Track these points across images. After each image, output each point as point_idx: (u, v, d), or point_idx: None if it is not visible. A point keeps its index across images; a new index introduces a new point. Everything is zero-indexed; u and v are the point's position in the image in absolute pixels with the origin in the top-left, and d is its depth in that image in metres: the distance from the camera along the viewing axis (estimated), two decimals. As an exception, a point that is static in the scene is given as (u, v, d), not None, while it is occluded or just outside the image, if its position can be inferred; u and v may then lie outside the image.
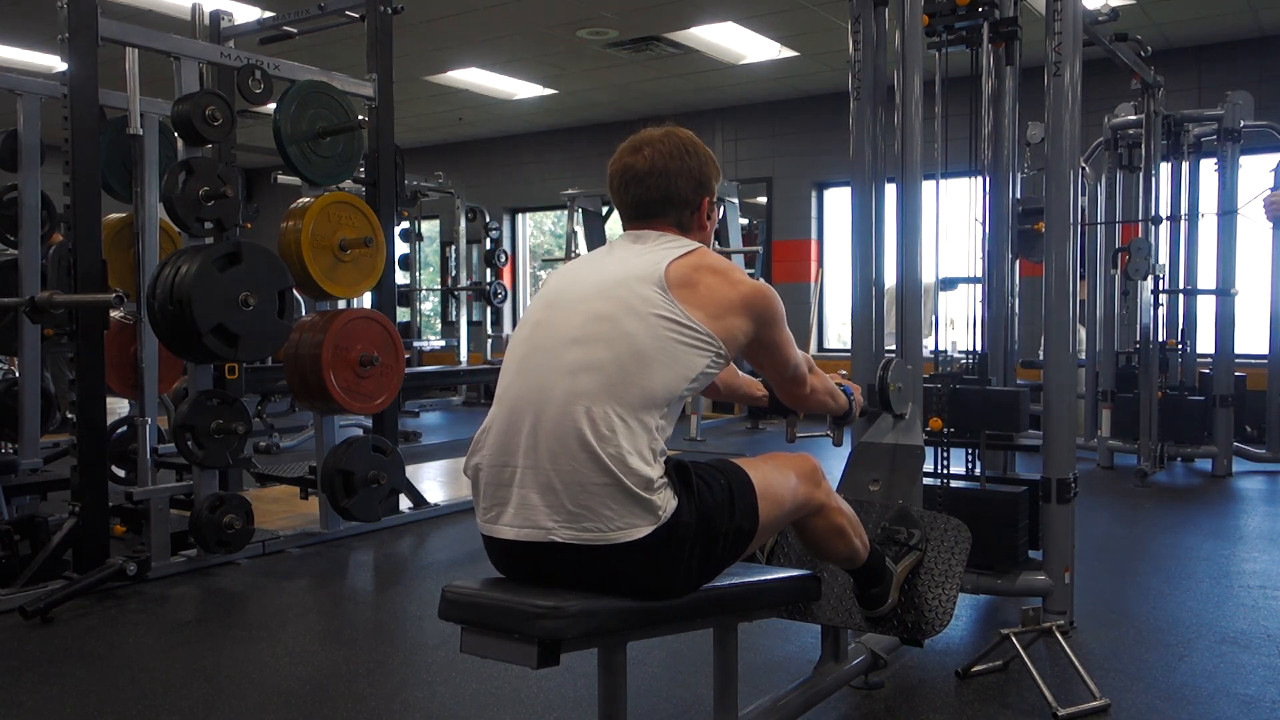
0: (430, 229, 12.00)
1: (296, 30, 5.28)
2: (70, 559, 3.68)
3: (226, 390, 4.07)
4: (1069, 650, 2.61)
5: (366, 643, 3.20)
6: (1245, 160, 6.25)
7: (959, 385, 3.25)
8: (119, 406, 5.00)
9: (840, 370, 2.53)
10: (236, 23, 5.23)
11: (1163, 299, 6.14)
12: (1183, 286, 6.43)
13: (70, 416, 3.78)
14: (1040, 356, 3.57)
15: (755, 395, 2.43)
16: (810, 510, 2.05)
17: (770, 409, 2.42)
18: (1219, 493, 5.67)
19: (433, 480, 6.16)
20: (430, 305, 12.16)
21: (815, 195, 10.09)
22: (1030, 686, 2.57)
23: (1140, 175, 6.07)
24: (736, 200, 9.01)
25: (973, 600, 3.43)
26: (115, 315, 3.96)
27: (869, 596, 2.30)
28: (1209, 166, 6.37)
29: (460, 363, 9.89)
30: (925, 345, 3.12)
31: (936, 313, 3.52)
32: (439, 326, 11.61)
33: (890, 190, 3.20)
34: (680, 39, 7.89)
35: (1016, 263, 3.61)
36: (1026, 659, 2.60)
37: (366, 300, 5.63)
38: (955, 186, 3.52)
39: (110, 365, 3.96)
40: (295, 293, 4.15)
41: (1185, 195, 6.44)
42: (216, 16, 5.00)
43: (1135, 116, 6.05)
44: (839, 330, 10.08)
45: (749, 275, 1.97)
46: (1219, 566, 3.99)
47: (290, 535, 4.48)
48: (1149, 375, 5.92)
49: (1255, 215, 6.30)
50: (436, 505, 5.11)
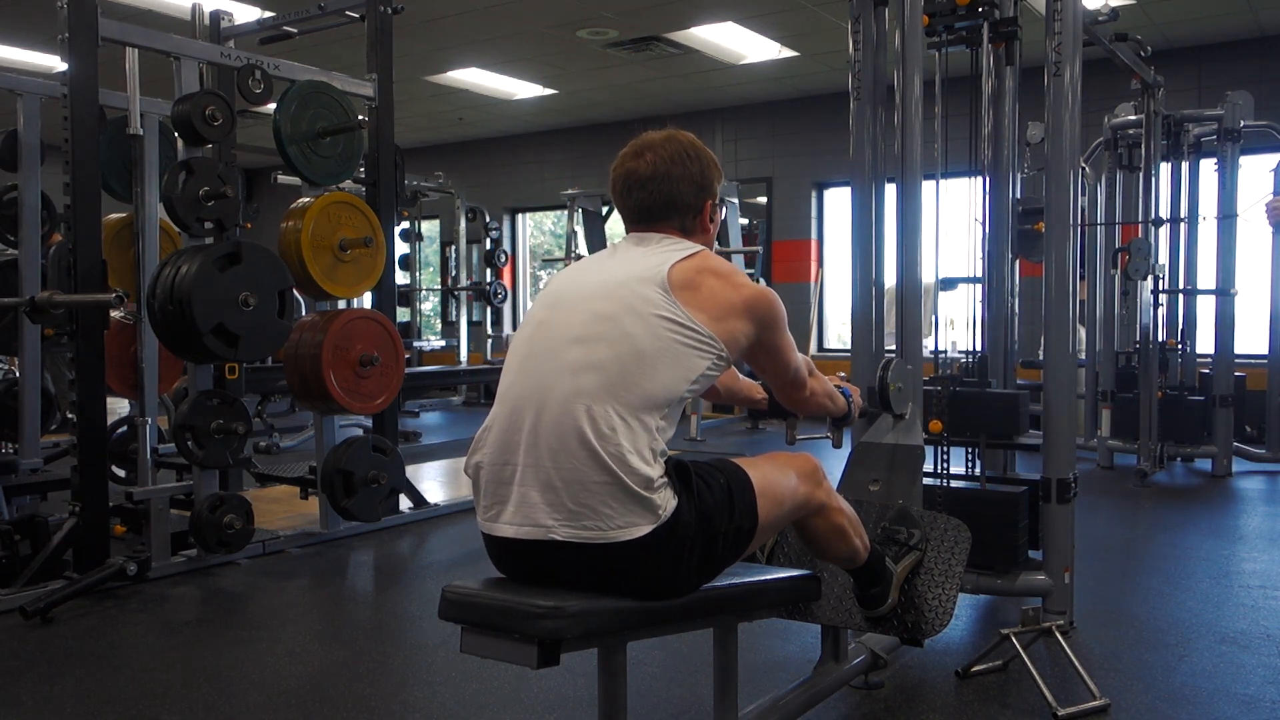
0: (430, 229, 12.00)
1: (296, 30, 5.29)
2: (70, 559, 3.68)
3: (226, 390, 4.07)
4: (1069, 650, 2.61)
5: (366, 643, 3.20)
6: (1245, 160, 6.25)
7: (958, 388, 3.25)
8: (119, 406, 5.00)
9: (839, 372, 2.53)
10: (236, 23, 5.23)
11: (1162, 299, 6.14)
12: (1182, 286, 6.43)
13: (70, 416, 3.78)
14: (1040, 356, 3.57)
15: (755, 398, 2.43)
16: (810, 510, 2.05)
17: (770, 411, 2.43)
18: (1219, 493, 5.67)
19: (433, 480, 6.16)
20: (430, 305, 12.16)
21: (815, 195, 10.09)
22: (1030, 686, 2.57)
23: (1140, 175, 6.07)
24: (736, 200, 9.01)
25: (973, 600, 3.43)
26: (115, 315, 3.96)
27: (869, 596, 2.30)
28: (1209, 166, 6.37)
29: (460, 363, 9.89)
30: (925, 345, 3.12)
31: (936, 313, 3.52)
32: (439, 326, 11.61)
33: (890, 190, 3.20)
34: (680, 39, 7.89)
35: (1016, 263, 3.61)
36: (1026, 659, 2.60)
37: (366, 300, 5.63)
38: (955, 186, 3.52)
39: (110, 365, 3.96)
40: (295, 293, 4.15)
41: (1185, 195, 6.44)
42: (216, 16, 5.00)
43: (1135, 116, 6.05)
44: (839, 330, 10.08)
45: (750, 277, 1.97)
46: (1219, 566, 3.99)
47: (290, 535, 4.48)
48: (1149, 375, 5.91)
49: (1256, 219, 6.30)
50: (436, 505, 5.11)
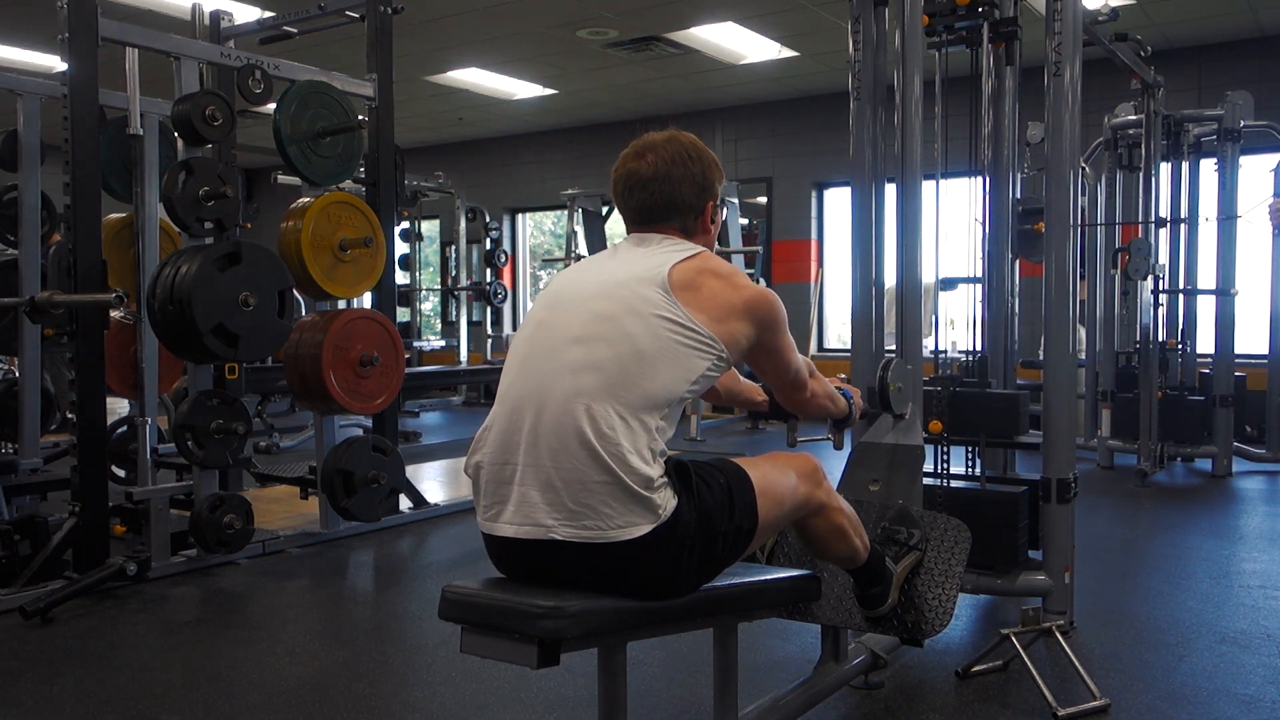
0: (430, 229, 12.00)
1: (296, 30, 5.29)
2: (70, 559, 3.68)
3: (226, 390, 4.07)
4: (1069, 650, 2.61)
5: (366, 643, 3.20)
6: (1245, 160, 6.25)
7: (958, 388, 3.25)
8: (119, 406, 5.00)
9: (840, 374, 2.52)
10: (236, 23, 5.23)
11: (1163, 299, 6.14)
12: (1183, 286, 6.43)
13: (70, 416, 3.78)
14: (1040, 356, 3.58)
15: (755, 400, 2.43)
16: (810, 510, 2.05)
17: (770, 413, 2.42)
18: (1219, 493, 5.67)
19: (433, 480, 6.16)
20: (430, 305, 12.17)
21: (815, 195, 10.09)
22: (1030, 686, 2.57)
23: (1140, 175, 6.07)
24: (736, 200, 9.01)
25: (973, 600, 3.43)
26: (115, 315, 3.96)
27: (869, 596, 2.30)
28: (1209, 166, 6.37)
29: (460, 363, 9.89)
30: (925, 345, 3.12)
31: (936, 313, 3.52)
32: (439, 326, 11.61)
33: (890, 190, 3.20)
34: (680, 39, 7.89)
35: (1016, 263, 3.61)
36: (1026, 659, 2.60)
37: (366, 300, 5.63)
38: (955, 186, 3.52)
39: (110, 365, 3.96)
40: (295, 293, 4.15)
41: (1185, 195, 6.44)
42: (216, 16, 5.00)
43: (1135, 116, 6.05)
44: (839, 330, 10.08)
45: (750, 277, 1.97)
46: (1219, 566, 3.99)
47: (290, 535, 4.48)
48: (1149, 375, 5.91)
49: (1258, 221, 6.29)
50: (436, 505, 5.11)
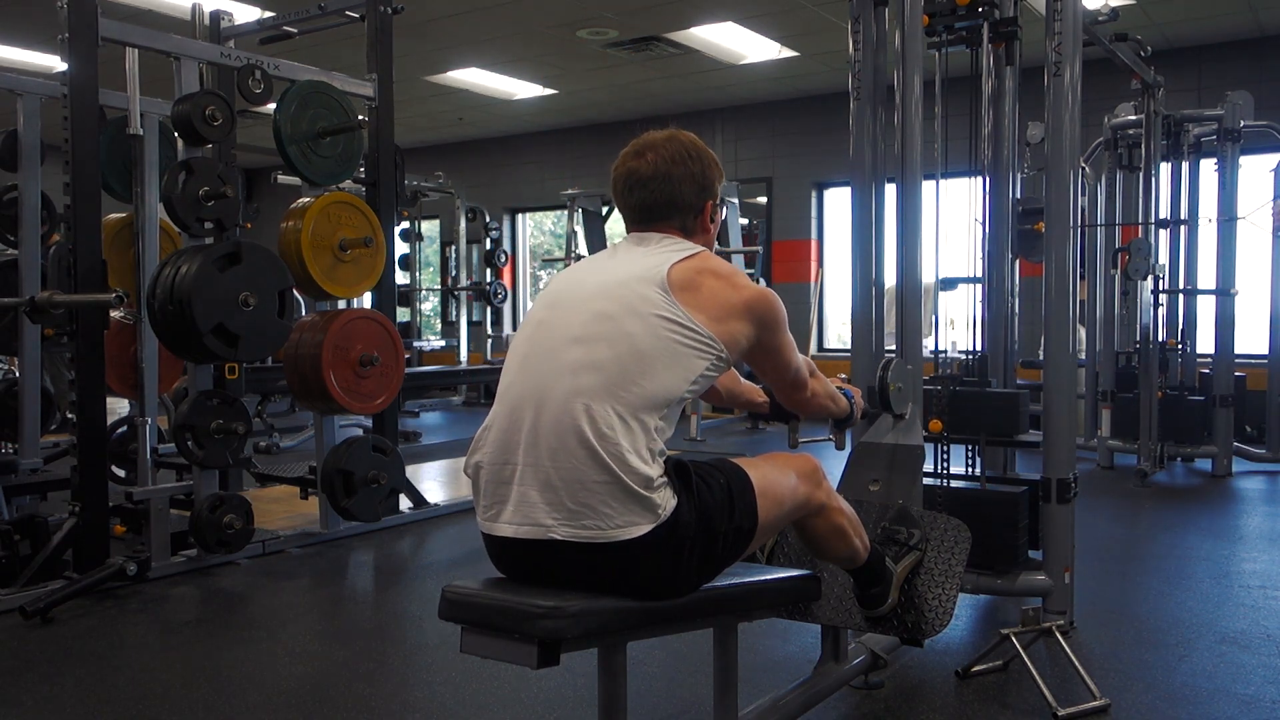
0: (430, 229, 12.00)
1: (296, 30, 5.29)
2: (70, 559, 3.68)
3: (226, 390, 4.07)
4: (1069, 650, 2.61)
5: (366, 643, 3.20)
6: (1245, 160, 6.25)
7: (958, 387, 3.25)
8: (119, 406, 5.00)
9: (840, 374, 2.52)
10: (236, 23, 5.23)
11: (1163, 299, 6.14)
12: (1183, 286, 6.43)
13: (70, 416, 3.78)
14: (1040, 356, 3.57)
15: (756, 401, 2.43)
16: (810, 510, 2.05)
17: (771, 414, 2.42)
18: (1219, 493, 5.67)
19: (433, 480, 6.16)
20: (430, 305, 12.17)
21: (815, 195, 10.09)
22: (1030, 686, 2.57)
23: (1140, 175, 6.07)
24: (736, 200, 9.01)
25: (973, 600, 3.43)
26: (115, 315, 3.96)
27: (869, 596, 2.30)
28: (1209, 166, 6.37)
29: (460, 363, 9.89)
30: (925, 345, 3.12)
31: (936, 313, 3.52)
32: (439, 326, 11.61)
33: (890, 190, 3.20)
34: (680, 39, 7.89)
35: (1016, 263, 3.61)
36: (1026, 659, 2.60)
37: (366, 300, 5.63)
38: (955, 186, 3.52)
39: (110, 365, 3.96)
40: (295, 293, 4.15)
41: (1185, 195, 6.44)
42: (216, 16, 5.00)
43: (1135, 116, 6.05)
44: (839, 330, 10.08)
45: (750, 277, 1.97)
46: (1219, 566, 3.99)
47: (290, 535, 4.48)
48: (1149, 375, 5.91)
49: (1261, 223, 6.29)
50: (436, 505, 5.11)
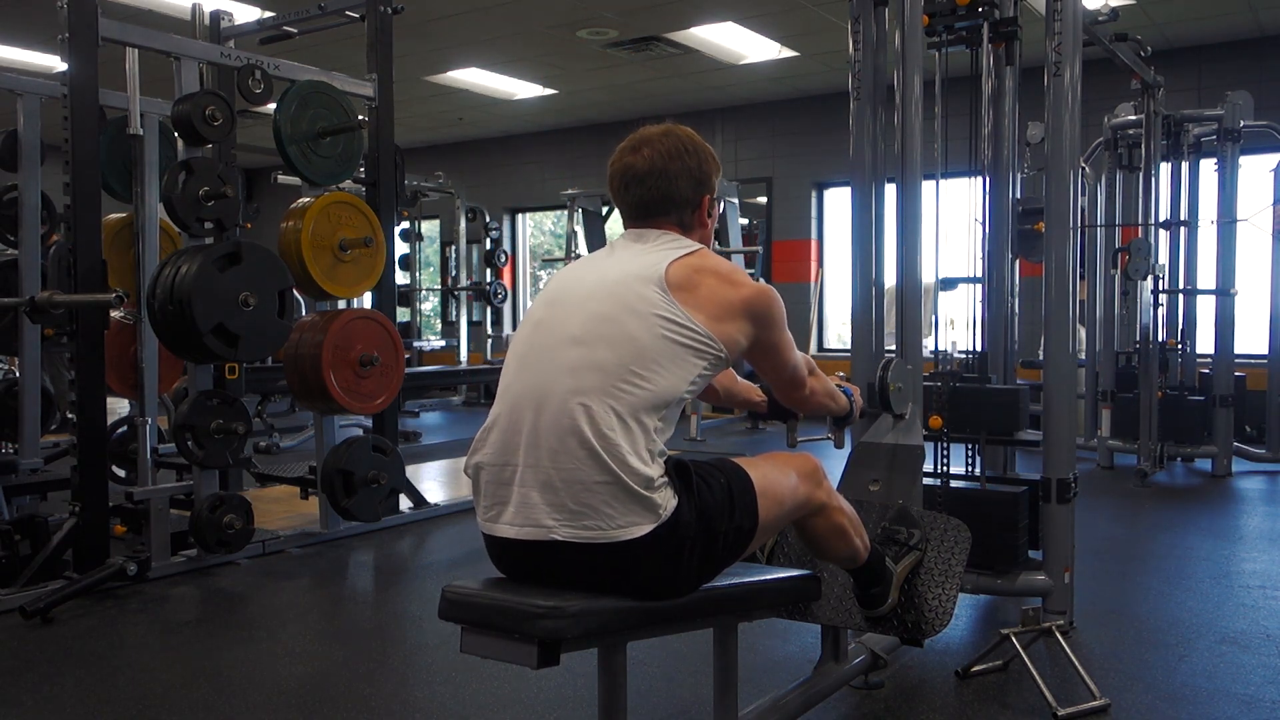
0: (430, 229, 12.00)
1: (296, 30, 5.28)
2: (70, 559, 3.68)
3: (226, 390, 4.07)
4: (1069, 650, 2.61)
5: (367, 643, 3.20)
6: (1245, 160, 6.25)
7: (959, 384, 3.25)
8: (119, 406, 5.00)
9: (839, 372, 2.52)
10: (236, 23, 5.23)
11: (1163, 299, 6.14)
12: (1182, 286, 6.43)
13: (70, 416, 3.78)
14: (1040, 356, 3.58)
15: (754, 400, 2.42)
16: (811, 510, 2.05)
17: (769, 413, 2.41)
18: (1219, 493, 5.67)
19: (433, 480, 6.16)
20: (430, 305, 12.16)
21: (815, 195, 10.09)
22: (1030, 686, 2.57)
23: (1140, 175, 6.07)
24: (736, 200, 9.01)
25: (973, 600, 3.43)
26: (115, 315, 3.96)
27: (869, 596, 2.30)
28: (1209, 166, 6.37)
29: (460, 363, 9.89)
30: (925, 345, 3.12)
31: (936, 313, 3.52)
32: (439, 326, 11.61)
33: (890, 190, 3.20)
34: (680, 39, 7.89)
35: (1016, 263, 3.61)
36: (1026, 659, 2.60)
37: (366, 300, 5.63)
38: (955, 186, 3.52)
39: (110, 365, 3.96)
40: (295, 293, 4.15)
41: (1185, 196, 6.44)
42: (216, 16, 5.00)
43: (1135, 116, 6.05)
44: (839, 330, 10.08)
45: (750, 277, 1.96)
46: (1219, 566, 3.99)
47: (290, 535, 4.48)
48: (1149, 375, 5.92)
49: (1263, 225, 6.29)
50: (436, 505, 5.11)
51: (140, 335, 4.10)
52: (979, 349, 3.57)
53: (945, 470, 3.26)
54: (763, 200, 10.34)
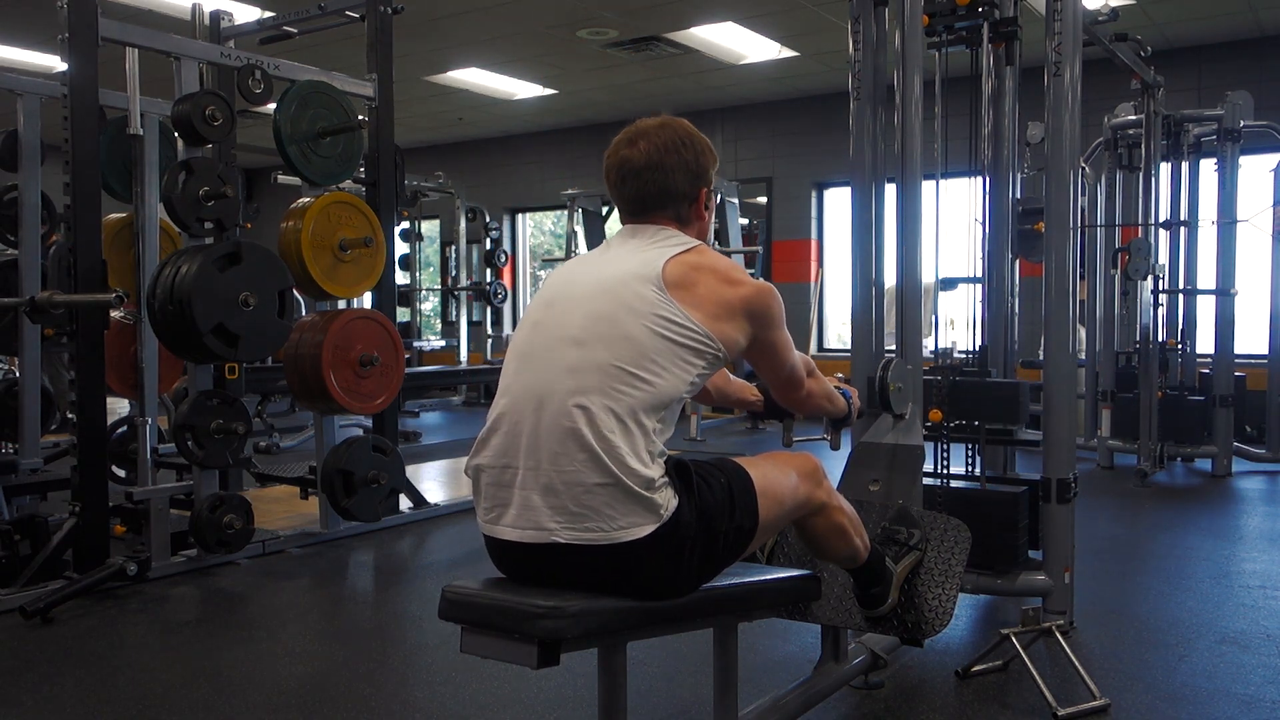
0: (430, 229, 12.00)
1: (296, 30, 5.28)
2: (70, 559, 3.68)
3: (226, 390, 4.07)
4: (1069, 650, 2.61)
5: (367, 643, 3.20)
6: (1245, 160, 6.25)
7: (959, 377, 3.24)
8: (119, 406, 5.00)
9: (837, 374, 2.51)
10: (236, 23, 5.23)
11: (1163, 299, 6.14)
12: (1182, 287, 6.43)
13: (70, 416, 3.78)
14: (1040, 356, 3.58)
15: (749, 400, 2.40)
16: (811, 509, 2.04)
17: (765, 413, 2.40)
18: (1219, 493, 5.67)
19: (433, 480, 6.16)
20: (430, 305, 12.16)
21: (815, 195, 10.09)
22: (1030, 686, 2.57)
23: (1140, 175, 6.07)
24: (736, 200, 9.01)
25: (973, 600, 3.43)
26: (115, 315, 3.96)
27: (869, 596, 2.29)
28: (1209, 166, 6.37)
29: (460, 363, 9.89)
30: (925, 345, 3.12)
31: (936, 313, 3.52)
32: (439, 326, 11.61)
33: (890, 190, 3.20)
34: (680, 39, 7.89)
35: (1016, 263, 3.61)
36: (1026, 659, 2.60)
37: (366, 300, 5.63)
38: (955, 186, 3.52)
39: (110, 365, 3.96)
40: (295, 293, 4.15)
41: (1185, 196, 6.44)
42: (216, 16, 5.00)
43: (1135, 116, 6.05)
44: (839, 330, 10.08)
45: (750, 274, 1.96)
46: (1219, 566, 3.99)
47: (290, 535, 4.48)
48: (1149, 375, 5.92)
49: (1262, 226, 6.29)
50: (436, 505, 5.11)
51: (140, 335, 4.10)
52: (978, 350, 3.56)
53: (945, 470, 3.26)
54: (763, 200, 10.34)
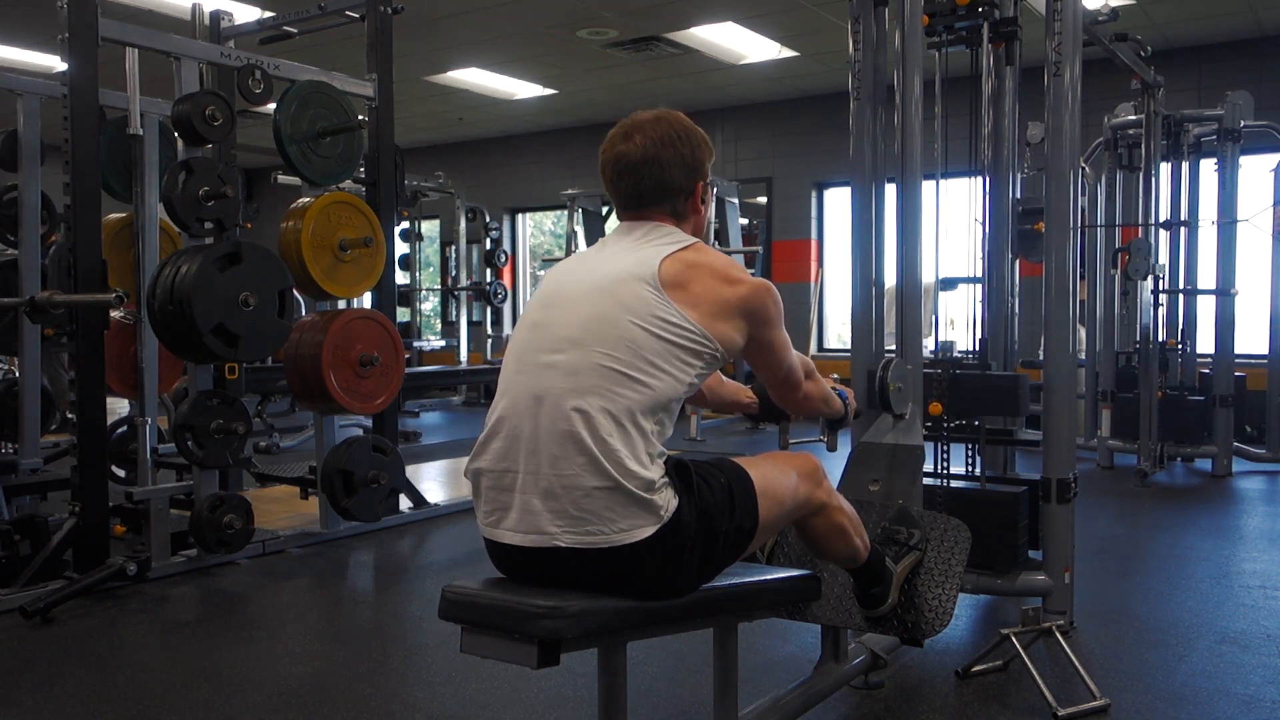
0: (430, 229, 12.00)
1: (296, 30, 5.28)
2: (70, 559, 3.68)
3: (226, 390, 4.07)
4: (1069, 650, 2.61)
5: (367, 643, 3.20)
6: (1245, 160, 6.26)
7: (959, 370, 3.24)
8: (119, 406, 5.00)
9: (833, 374, 2.50)
10: (236, 23, 5.23)
11: (1163, 299, 6.14)
12: (1183, 286, 6.43)
13: (70, 416, 3.78)
14: (1040, 356, 3.58)
15: (742, 402, 2.39)
16: (811, 509, 2.04)
17: (761, 414, 2.39)
18: (1219, 493, 5.67)
19: (433, 480, 6.16)
20: (430, 305, 12.17)
21: (815, 195, 10.09)
22: (1030, 686, 2.57)
23: (1140, 175, 6.08)
24: (736, 200, 9.01)
25: (973, 600, 3.43)
26: (115, 315, 3.96)
27: (869, 596, 2.29)
28: (1209, 166, 6.38)
29: (460, 363, 9.89)
30: (925, 345, 3.12)
31: (936, 313, 3.52)
32: (439, 326, 11.61)
33: (890, 190, 3.20)
34: (680, 39, 7.89)
35: (1016, 263, 3.61)
36: (1026, 659, 2.60)
37: (366, 300, 5.63)
38: (955, 186, 3.52)
39: (110, 365, 3.96)
40: (295, 293, 4.15)
41: (1185, 196, 6.44)
42: (216, 16, 5.00)
43: (1135, 116, 6.05)
44: (839, 330, 10.08)
45: (749, 273, 1.95)
46: (1219, 566, 3.99)
47: (290, 535, 4.48)
48: (1149, 375, 5.92)
49: (1263, 226, 6.29)
50: (436, 505, 5.11)
51: (140, 335, 4.10)
52: (978, 345, 3.56)
53: (945, 470, 3.26)
54: (763, 200, 10.34)
